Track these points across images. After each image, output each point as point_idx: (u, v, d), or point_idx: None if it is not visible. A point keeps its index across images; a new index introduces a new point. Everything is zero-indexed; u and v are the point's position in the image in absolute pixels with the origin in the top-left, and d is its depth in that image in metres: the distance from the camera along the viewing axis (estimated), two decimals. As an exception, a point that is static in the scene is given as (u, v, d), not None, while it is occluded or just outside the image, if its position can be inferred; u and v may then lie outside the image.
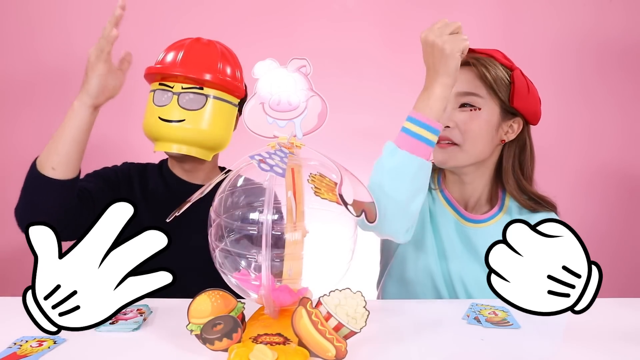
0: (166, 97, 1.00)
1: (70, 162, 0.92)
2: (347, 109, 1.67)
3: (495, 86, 0.96)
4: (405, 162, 0.82)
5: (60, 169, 0.91)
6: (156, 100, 1.01)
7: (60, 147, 0.91)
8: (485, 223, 1.04)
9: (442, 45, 0.81)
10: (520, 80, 0.97)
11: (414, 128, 0.82)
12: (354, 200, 0.60)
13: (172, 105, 1.00)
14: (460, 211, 1.06)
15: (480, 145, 0.98)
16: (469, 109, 0.96)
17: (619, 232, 1.86)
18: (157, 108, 1.01)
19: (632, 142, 1.85)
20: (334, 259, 0.67)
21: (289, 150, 0.64)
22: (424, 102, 0.84)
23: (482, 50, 1.01)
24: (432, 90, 0.83)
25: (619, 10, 1.81)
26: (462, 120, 0.96)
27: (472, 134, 0.96)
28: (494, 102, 0.97)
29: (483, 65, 0.97)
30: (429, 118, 0.82)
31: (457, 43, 0.81)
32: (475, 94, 0.97)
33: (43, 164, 0.91)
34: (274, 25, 1.79)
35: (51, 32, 1.73)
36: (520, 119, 1.00)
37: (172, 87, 1.00)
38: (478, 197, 1.06)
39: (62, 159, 0.91)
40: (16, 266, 1.44)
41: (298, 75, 0.67)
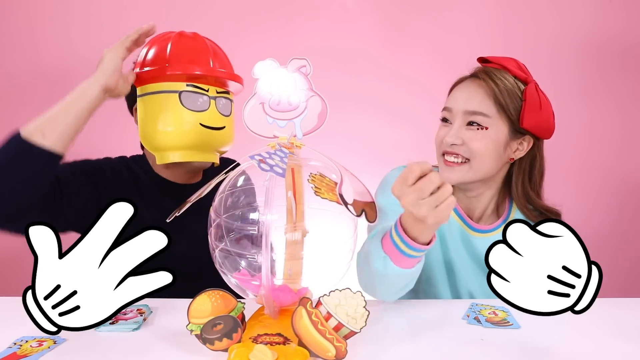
0: (202, 102, 0.91)
1: (64, 136, 0.84)
2: (347, 109, 1.68)
3: (504, 105, 0.91)
4: (395, 274, 0.77)
5: (52, 137, 0.82)
6: (189, 104, 0.90)
7: (58, 119, 0.84)
8: (491, 233, 1.02)
9: (424, 220, 0.68)
10: (532, 97, 0.92)
11: (404, 248, 0.74)
12: (354, 200, 0.60)
13: (212, 111, 0.92)
14: (467, 220, 1.03)
15: (487, 163, 0.94)
16: (476, 128, 0.92)
17: (619, 232, 1.86)
18: (194, 113, 0.90)
19: (632, 142, 1.85)
20: (334, 259, 0.67)
21: (289, 150, 0.64)
22: (414, 224, 0.72)
23: (496, 60, 0.96)
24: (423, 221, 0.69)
25: (619, 10, 1.81)
26: (469, 138, 0.92)
27: (479, 152, 0.92)
28: (502, 122, 0.93)
29: (493, 80, 0.92)
30: (416, 243, 0.73)
31: (441, 213, 0.67)
32: (483, 114, 0.92)
33: (31, 132, 0.82)
34: (274, 25, 1.79)
35: (51, 32, 1.73)
36: (530, 137, 0.96)
37: (207, 90, 0.92)
38: (484, 210, 1.03)
39: (55, 129, 0.83)
40: (16, 266, 1.44)
41: (298, 75, 0.67)
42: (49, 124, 0.83)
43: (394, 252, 0.75)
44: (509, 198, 1.04)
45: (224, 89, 0.96)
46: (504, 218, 1.03)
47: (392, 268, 0.76)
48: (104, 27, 1.73)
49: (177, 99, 0.90)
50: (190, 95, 0.91)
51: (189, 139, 0.92)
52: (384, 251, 0.77)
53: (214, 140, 0.95)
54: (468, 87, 0.96)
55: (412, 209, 0.67)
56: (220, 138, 0.95)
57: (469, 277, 1.02)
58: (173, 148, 0.93)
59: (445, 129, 0.96)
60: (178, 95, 0.90)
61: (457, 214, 1.03)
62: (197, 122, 0.91)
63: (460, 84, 0.98)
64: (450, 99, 0.98)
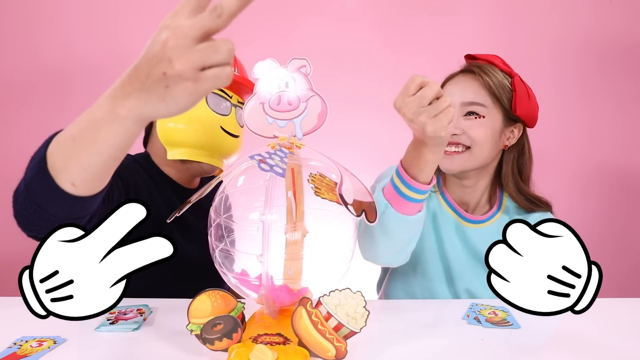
0: (225, 107, 0.94)
1: (99, 179, 0.62)
2: (347, 109, 1.68)
3: (498, 95, 0.97)
4: (397, 221, 0.79)
5: (84, 186, 0.61)
6: (214, 106, 0.92)
7: (86, 159, 0.57)
8: (484, 223, 1.06)
9: (423, 128, 0.70)
10: (520, 87, 0.99)
11: (404, 189, 0.77)
12: (354, 200, 0.60)
13: (232, 118, 0.94)
14: (460, 212, 1.07)
15: (486, 150, 0.99)
16: (473, 117, 0.98)
17: (619, 232, 1.86)
18: (217, 116, 0.92)
19: (632, 142, 1.85)
20: (334, 259, 0.67)
21: (289, 150, 0.64)
22: (414, 162, 0.77)
23: (482, 57, 1.02)
24: (422, 154, 0.75)
25: (619, 10, 1.81)
26: (468, 127, 0.98)
27: (480, 139, 0.98)
28: (497, 111, 0.99)
29: (486, 74, 0.98)
30: (417, 182, 0.77)
31: (439, 121, 0.70)
32: (479, 104, 0.98)
33: (59, 172, 0.60)
34: (274, 25, 1.79)
35: (51, 32, 1.73)
36: (520, 125, 1.03)
37: (231, 97, 0.94)
38: (478, 200, 1.08)
39: (88, 176, 0.60)
40: (16, 266, 1.44)
41: (298, 75, 0.67)
42: (78, 169, 0.59)
43: (394, 196, 0.79)
44: (500, 188, 1.09)
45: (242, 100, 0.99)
46: (496, 207, 1.07)
47: (394, 215, 0.79)
48: (103, 27, 1.73)
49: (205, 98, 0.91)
50: (215, 98, 0.93)
51: (208, 139, 0.93)
52: (385, 198, 0.80)
53: (228, 146, 0.97)
54: (462, 81, 1.01)
55: (413, 117, 0.70)
56: (234, 145, 0.98)
57: (464, 269, 1.04)
58: (190, 145, 0.94)
59: None
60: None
61: (450, 207, 1.08)
62: (219, 124, 0.93)
63: (451, 79, 1.04)
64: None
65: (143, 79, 0.48)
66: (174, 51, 0.45)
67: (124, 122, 0.52)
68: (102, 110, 0.52)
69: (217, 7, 0.45)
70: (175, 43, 0.45)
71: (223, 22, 0.46)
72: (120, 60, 1.63)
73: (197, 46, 0.45)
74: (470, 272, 1.04)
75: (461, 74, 1.02)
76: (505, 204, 1.08)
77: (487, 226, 1.05)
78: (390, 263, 0.92)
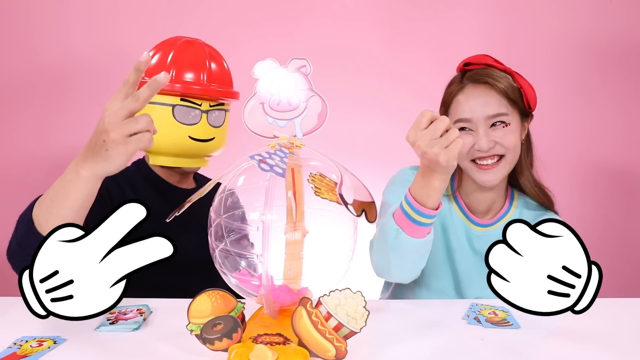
0: (193, 115, 0.97)
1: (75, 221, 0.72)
2: (347, 109, 1.68)
3: (514, 99, 0.99)
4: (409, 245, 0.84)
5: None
6: (181, 118, 0.97)
7: (63, 212, 0.72)
8: (492, 226, 1.07)
9: (436, 158, 0.76)
10: (524, 82, 1.00)
11: (413, 215, 0.82)
12: (354, 200, 0.60)
13: (202, 125, 0.98)
14: (470, 216, 1.07)
15: (518, 154, 1.02)
16: (501, 126, 0.98)
17: (619, 232, 1.86)
18: (184, 126, 0.97)
19: (632, 141, 1.85)
20: (334, 259, 0.67)
21: (289, 150, 0.64)
22: (422, 189, 0.82)
23: (477, 60, 1.02)
24: (430, 182, 0.81)
25: (619, 10, 1.81)
26: (499, 137, 0.98)
27: (512, 145, 0.99)
28: (515, 113, 1.01)
29: (497, 81, 0.98)
30: (425, 208, 0.82)
31: (451, 152, 0.76)
32: (503, 114, 0.98)
33: (43, 225, 0.73)
34: (274, 25, 1.79)
35: (51, 32, 1.73)
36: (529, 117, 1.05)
37: (200, 104, 0.98)
38: (493, 203, 1.08)
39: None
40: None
41: (298, 75, 0.67)
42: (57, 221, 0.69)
43: (405, 222, 0.83)
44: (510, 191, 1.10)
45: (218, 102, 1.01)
46: (505, 210, 1.08)
47: (405, 239, 0.84)
48: (103, 27, 1.73)
49: (170, 112, 0.97)
50: (182, 109, 0.97)
51: (177, 148, 0.99)
52: (396, 224, 0.84)
53: (201, 150, 1.01)
54: (478, 95, 0.99)
55: (427, 149, 0.76)
56: (207, 148, 1.02)
57: (473, 275, 1.05)
58: (164, 154, 1.00)
59: (469, 136, 0.99)
60: (171, 108, 0.97)
61: (462, 211, 1.08)
62: (186, 134, 0.98)
63: (461, 92, 1.01)
64: (464, 110, 0.99)
65: (93, 146, 0.67)
66: (110, 125, 0.65)
67: (86, 180, 0.70)
68: (70, 174, 0.71)
69: (136, 94, 0.66)
70: (110, 120, 0.65)
71: (141, 104, 0.66)
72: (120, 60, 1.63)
73: (124, 121, 0.65)
74: (479, 278, 1.02)
75: (471, 86, 1.00)
76: (515, 205, 1.08)
77: (495, 229, 1.06)
78: (403, 280, 0.96)
